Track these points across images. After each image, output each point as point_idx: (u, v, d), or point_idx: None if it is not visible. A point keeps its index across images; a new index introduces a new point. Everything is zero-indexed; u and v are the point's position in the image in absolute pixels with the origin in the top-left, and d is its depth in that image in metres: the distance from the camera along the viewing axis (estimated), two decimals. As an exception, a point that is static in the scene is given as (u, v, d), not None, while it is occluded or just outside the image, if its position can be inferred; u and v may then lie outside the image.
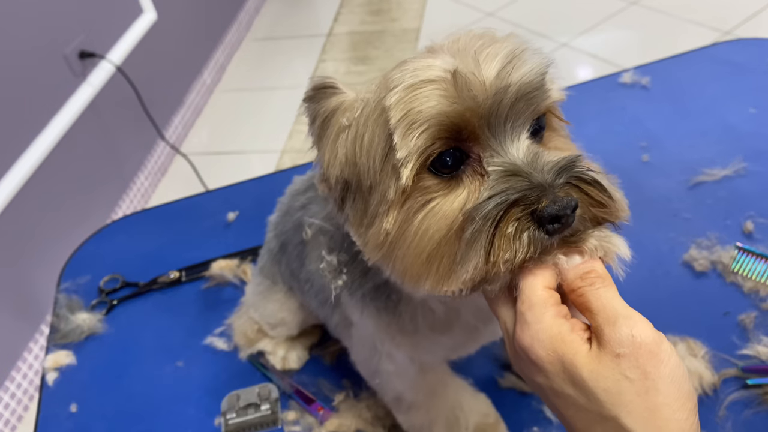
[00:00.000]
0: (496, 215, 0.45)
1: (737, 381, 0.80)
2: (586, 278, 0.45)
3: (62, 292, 1.07)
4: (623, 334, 0.41)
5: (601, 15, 2.97)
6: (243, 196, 1.23)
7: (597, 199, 0.47)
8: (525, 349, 0.45)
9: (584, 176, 0.47)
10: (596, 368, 0.41)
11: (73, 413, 0.91)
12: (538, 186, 0.45)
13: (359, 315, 0.68)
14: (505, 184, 0.46)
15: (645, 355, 0.41)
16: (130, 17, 2.40)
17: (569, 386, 0.43)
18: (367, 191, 0.52)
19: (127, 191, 2.37)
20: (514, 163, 0.47)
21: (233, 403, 0.88)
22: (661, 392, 0.40)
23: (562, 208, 0.44)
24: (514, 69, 0.47)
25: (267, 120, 2.87)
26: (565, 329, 0.44)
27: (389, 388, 0.75)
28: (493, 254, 0.45)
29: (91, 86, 2.14)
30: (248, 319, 0.92)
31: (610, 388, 0.41)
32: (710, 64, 1.31)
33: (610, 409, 0.41)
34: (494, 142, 0.48)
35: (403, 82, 0.48)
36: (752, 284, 0.90)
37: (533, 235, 0.45)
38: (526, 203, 0.45)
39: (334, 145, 0.54)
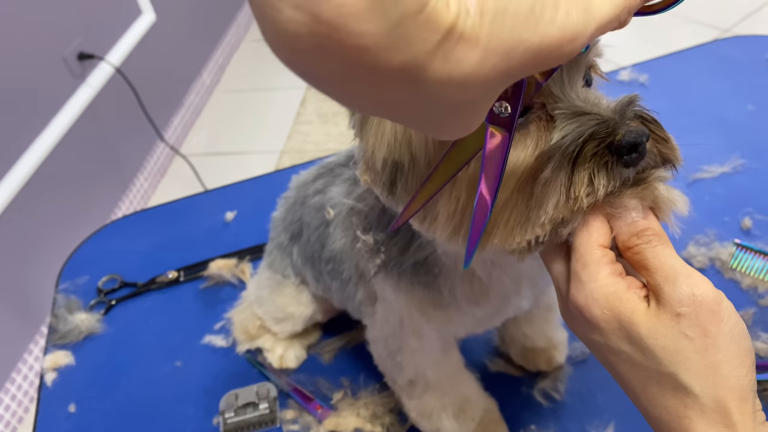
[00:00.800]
0: (573, 150, 0.45)
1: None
2: (643, 236, 0.45)
3: (61, 293, 1.07)
4: (684, 293, 0.41)
5: (599, 13, 2.97)
6: (241, 196, 1.23)
7: (660, 135, 0.47)
8: (580, 308, 0.44)
9: (645, 115, 0.47)
10: (655, 326, 0.41)
11: (72, 413, 0.92)
12: (610, 120, 0.45)
13: (391, 290, 0.68)
14: (575, 124, 0.46)
15: (705, 314, 0.41)
16: (129, 18, 2.40)
17: (626, 343, 0.43)
18: (425, 168, 0.50)
19: (126, 192, 2.37)
20: (579, 105, 0.47)
21: (232, 403, 0.88)
22: (721, 349, 0.40)
23: (638, 136, 0.44)
24: None
25: (266, 121, 2.87)
26: (622, 287, 0.43)
27: (410, 366, 0.75)
28: (575, 189, 0.45)
29: (90, 88, 2.14)
30: (250, 315, 0.92)
31: (668, 345, 0.41)
32: (708, 61, 1.31)
33: (668, 366, 0.41)
34: (556, 91, 0.48)
35: None
36: (750, 281, 0.90)
37: (612, 167, 0.45)
38: (601, 136, 0.45)
39: (379, 128, 0.53)
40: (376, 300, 0.74)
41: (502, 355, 0.89)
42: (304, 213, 0.81)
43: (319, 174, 0.80)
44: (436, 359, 0.75)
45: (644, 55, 1.39)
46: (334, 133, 2.67)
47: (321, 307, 0.90)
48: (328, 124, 2.74)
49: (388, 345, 0.75)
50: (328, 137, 2.66)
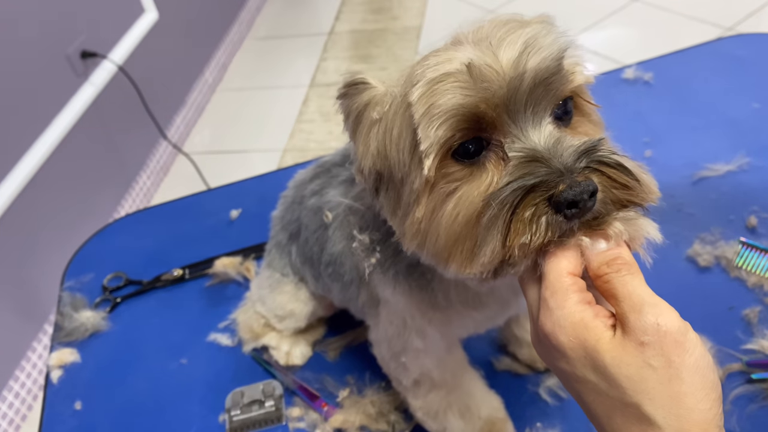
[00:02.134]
0: (513, 200, 0.46)
1: (742, 375, 0.80)
2: (612, 264, 0.45)
3: (66, 291, 1.08)
4: (648, 322, 0.41)
5: (603, 12, 2.97)
6: (245, 194, 1.23)
7: (620, 182, 0.47)
8: (547, 335, 0.45)
9: (606, 159, 0.46)
10: (619, 354, 0.41)
11: (78, 411, 0.92)
12: (557, 171, 0.45)
13: (391, 291, 0.69)
14: (524, 170, 0.47)
15: (670, 344, 0.40)
16: (132, 17, 2.40)
17: (591, 372, 0.43)
18: (399, 183, 0.54)
19: (129, 191, 2.37)
20: (534, 149, 0.48)
21: (237, 400, 0.88)
22: (685, 381, 0.40)
23: (578, 194, 0.44)
24: (530, 56, 0.48)
25: (269, 119, 2.87)
26: (588, 315, 0.43)
27: (415, 366, 0.75)
28: (509, 238, 0.46)
29: (93, 86, 2.14)
30: (254, 314, 0.92)
31: (632, 374, 0.41)
32: (713, 59, 1.31)
33: (632, 396, 0.40)
34: (515, 129, 0.49)
35: (424, 77, 0.49)
36: (756, 279, 0.89)
37: (551, 219, 0.45)
38: (544, 189, 0.45)
39: (366, 139, 0.56)
40: (379, 302, 0.74)
41: (508, 354, 0.89)
42: (302, 214, 0.81)
43: (316, 174, 0.81)
44: (441, 359, 0.75)
45: (648, 53, 1.38)
46: (337, 132, 2.67)
47: (321, 304, 0.90)
48: (330, 123, 2.74)
49: (392, 346, 0.75)
50: (331, 135, 2.66)
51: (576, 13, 2.99)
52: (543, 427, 0.80)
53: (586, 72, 0.53)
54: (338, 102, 0.58)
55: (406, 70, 0.54)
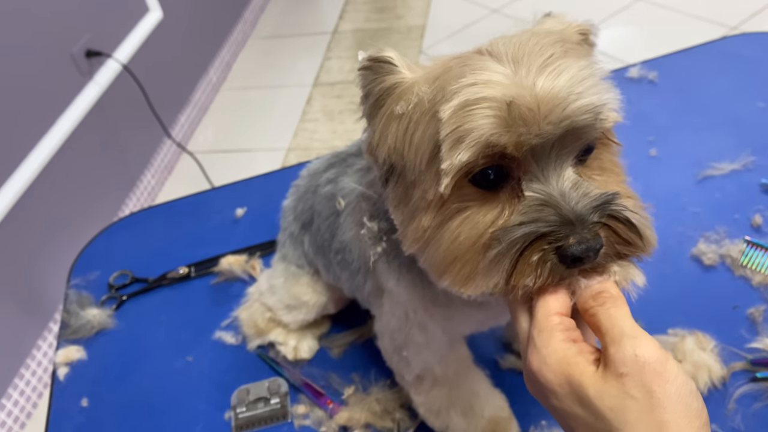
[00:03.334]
0: (524, 243, 0.47)
1: (746, 374, 0.80)
2: (598, 298, 0.47)
3: (72, 288, 1.08)
4: (627, 354, 0.42)
5: (607, 11, 2.96)
6: (251, 193, 1.23)
7: (624, 238, 0.48)
8: (535, 373, 0.46)
9: (618, 215, 0.48)
10: (601, 387, 0.42)
11: (84, 407, 0.92)
12: (568, 222, 0.47)
13: (395, 283, 0.69)
14: (537, 213, 0.48)
15: (649, 374, 0.41)
16: (136, 16, 2.41)
17: (578, 407, 0.44)
18: (411, 184, 0.54)
19: (133, 189, 2.37)
20: (550, 194, 0.49)
21: (243, 398, 0.88)
22: (668, 410, 0.40)
23: (585, 251, 0.46)
24: (570, 105, 0.47)
25: (273, 118, 2.87)
26: (572, 352, 0.45)
27: (417, 361, 0.75)
28: (515, 278, 0.48)
29: (98, 85, 2.14)
30: (259, 307, 0.92)
31: (615, 406, 0.41)
32: (718, 58, 1.31)
33: (617, 427, 0.41)
34: (536, 168, 0.49)
35: (459, 97, 0.48)
36: (761, 278, 0.89)
37: (554, 266, 0.47)
38: (554, 238, 0.47)
39: (385, 129, 0.55)
40: (383, 293, 0.74)
41: (513, 352, 0.89)
42: (315, 202, 0.81)
43: (331, 163, 0.81)
44: (443, 355, 0.75)
45: (652, 52, 1.38)
46: (340, 131, 2.67)
47: (333, 296, 0.90)
48: (334, 122, 2.74)
49: (394, 338, 0.75)
50: (334, 134, 2.66)
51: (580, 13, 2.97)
52: (548, 425, 0.80)
53: (618, 113, 0.51)
54: (359, 74, 0.56)
55: (437, 68, 0.52)
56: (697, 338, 0.82)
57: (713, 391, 0.78)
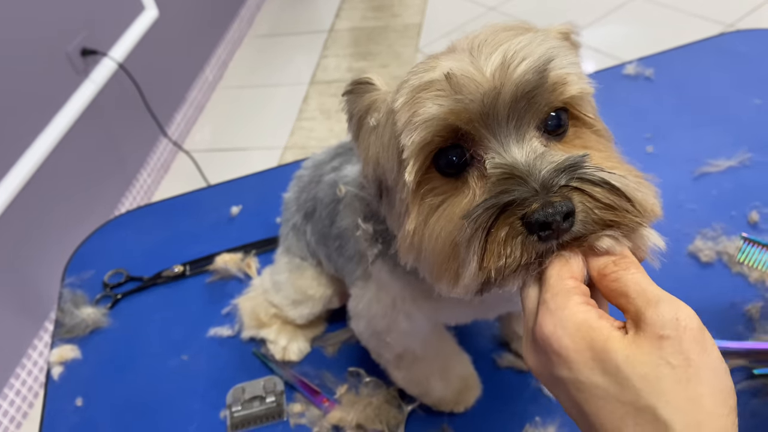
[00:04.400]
0: (487, 220, 0.44)
1: (744, 371, 0.79)
2: (620, 263, 0.43)
3: (67, 287, 1.07)
4: (667, 317, 0.38)
5: (603, 9, 2.96)
6: (246, 191, 1.23)
7: (606, 202, 0.44)
8: (547, 338, 0.41)
9: (590, 177, 0.44)
10: (633, 352, 0.38)
11: (79, 407, 0.92)
12: (532, 189, 0.43)
13: (388, 275, 0.68)
14: (501, 187, 0.45)
15: (689, 341, 0.37)
16: (132, 14, 2.40)
17: (599, 375, 0.39)
18: (392, 191, 0.54)
19: (129, 188, 2.37)
20: (512, 165, 0.46)
21: (238, 396, 0.88)
22: (704, 382, 0.37)
23: (550, 215, 0.42)
24: (509, 69, 0.46)
25: (269, 116, 2.87)
26: (593, 315, 0.41)
27: (399, 345, 0.75)
28: (486, 260, 0.44)
29: (94, 83, 2.14)
30: (264, 302, 0.92)
31: (648, 374, 0.37)
32: (715, 55, 1.31)
33: (647, 398, 0.37)
34: (495, 144, 0.47)
35: (408, 85, 0.49)
36: (758, 274, 0.89)
37: (525, 240, 0.43)
38: (518, 208, 0.43)
39: (366, 144, 0.56)
40: (369, 277, 0.74)
41: (510, 351, 0.88)
42: (319, 190, 0.82)
43: (337, 153, 0.82)
44: (425, 339, 0.77)
45: (649, 50, 1.38)
46: (337, 129, 2.67)
47: (338, 289, 0.90)
48: (331, 120, 2.73)
49: (374, 324, 0.75)
50: (331, 133, 2.66)
51: (576, 10, 2.99)
52: (542, 421, 0.80)
53: (583, 83, 0.50)
54: (343, 99, 0.58)
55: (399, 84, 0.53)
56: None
57: (710, 388, 0.78)
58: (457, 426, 0.81)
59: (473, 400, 0.83)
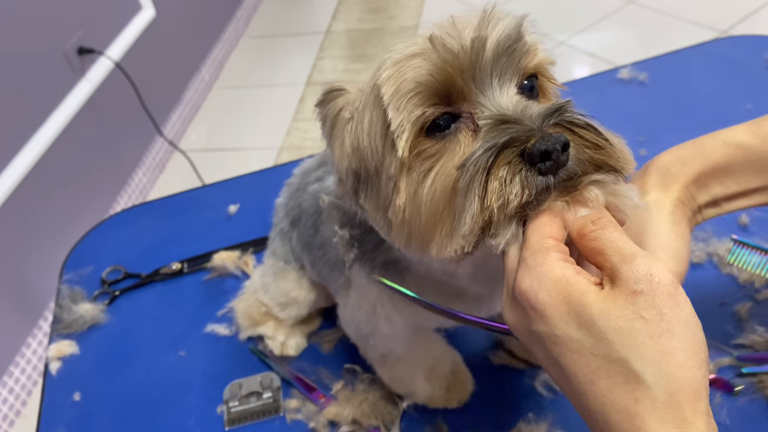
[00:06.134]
0: (487, 160, 0.45)
1: (733, 369, 0.81)
2: (598, 222, 0.44)
3: (65, 283, 1.08)
4: (641, 272, 0.39)
5: (598, 14, 2.98)
6: (244, 189, 1.23)
7: (592, 141, 0.46)
8: (524, 293, 0.43)
9: (576, 120, 0.46)
10: (608, 306, 0.39)
11: (77, 402, 0.92)
12: (527, 128, 0.45)
13: (366, 281, 0.70)
14: (495, 132, 0.47)
15: (662, 295, 0.39)
16: (129, 13, 2.40)
17: (574, 328, 0.40)
18: (375, 175, 0.54)
19: (125, 187, 2.37)
20: (502, 113, 0.48)
21: (235, 392, 0.89)
22: (676, 336, 0.38)
23: (551, 144, 0.43)
24: (489, 25, 0.49)
25: (265, 117, 2.87)
26: (571, 271, 0.42)
27: (381, 347, 0.78)
28: (487, 199, 0.45)
29: (90, 82, 2.14)
30: (255, 301, 0.93)
31: (621, 327, 0.38)
32: (708, 60, 1.33)
33: (620, 351, 0.38)
34: (483, 98, 0.50)
35: (390, 60, 0.51)
36: (747, 275, 0.91)
37: (526, 176, 0.44)
38: (516, 145, 0.45)
39: (341, 140, 0.56)
40: (351, 285, 0.76)
41: (505, 349, 0.89)
42: (304, 199, 0.83)
43: (323, 161, 0.82)
44: (406, 342, 0.78)
45: (643, 55, 1.40)
46: (333, 130, 2.67)
47: (322, 292, 0.91)
48: (326, 121, 2.74)
49: (360, 328, 0.77)
50: (327, 134, 2.67)
51: (572, 15, 3.01)
52: (535, 417, 0.81)
53: (546, 53, 0.54)
54: (317, 110, 0.60)
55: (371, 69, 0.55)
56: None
57: (700, 386, 0.80)
58: (451, 422, 0.82)
59: (467, 396, 0.84)
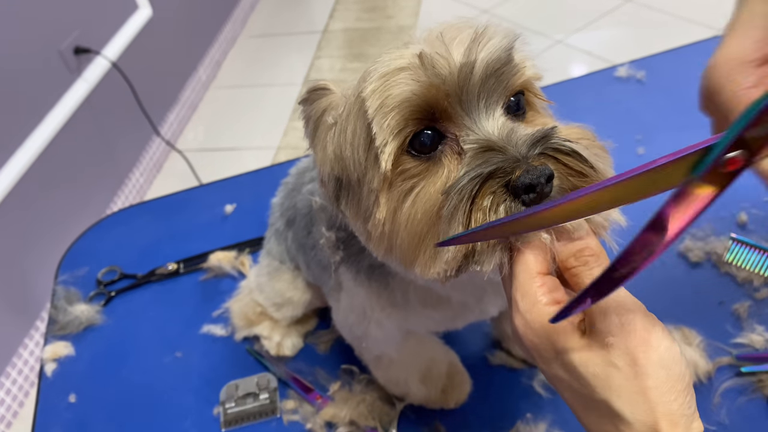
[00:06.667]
0: (472, 189, 0.45)
1: (731, 369, 0.81)
2: (580, 257, 0.45)
3: (60, 284, 1.07)
4: (613, 323, 0.42)
5: (596, 12, 2.98)
6: (241, 189, 1.23)
7: (576, 170, 0.47)
8: (520, 335, 0.45)
9: (561, 147, 0.46)
10: (587, 355, 0.42)
11: (72, 403, 0.92)
12: (513, 158, 0.45)
13: (353, 283, 0.70)
14: (480, 159, 0.47)
15: (634, 343, 0.41)
16: (126, 13, 2.40)
17: (562, 371, 0.44)
18: (357, 185, 0.53)
19: (122, 187, 2.36)
20: (488, 139, 0.48)
21: (232, 393, 0.88)
22: (650, 376, 0.41)
23: (535, 177, 0.44)
24: (479, 46, 0.49)
25: (262, 117, 2.87)
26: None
27: (374, 350, 0.78)
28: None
29: (87, 82, 2.13)
30: (251, 301, 0.93)
31: (599, 373, 0.42)
32: (705, 58, 1.31)
33: (600, 393, 0.42)
34: (468, 121, 0.49)
35: (377, 72, 0.50)
36: (746, 274, 0.90)
37: (509, 207, 0.45)
38: (501, 175, 0.45)
39: (324, 144, 0.56)
40: (342, 289, 0.76)
41: (503, 349, 0.89)
42: (298, 199, 0.82)
43: None
44: (398, 345, 0.78)
45: (641, 54, 1.40)
46: (331, 130, 2.67)
47: (317, 293, 0.91)
48: (324, 121, 2.74)
49: (353, 331, 0.77)
50: (325, 134, 2.66)
51: (569, 13, 3.01)
52: (533, 418, 0.80)
53: (534, 68, 0.54)
54: (300, 108, 0.59)
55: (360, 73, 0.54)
56: (683, 334, 0.83)
57: (699, 385, 0.79)
58: (449, 423, 0.82)
59: (464, 396, 0.83)
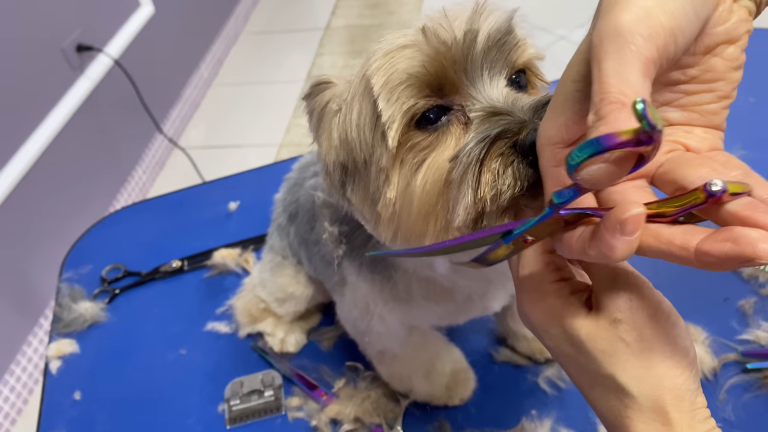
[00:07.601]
0: (480, 151, 0.45)
1: (737, 365, 0.81)
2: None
3: (64, 282, 1.08)
4: (621, 299, 0.42)
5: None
6: (244, 187, 1.23)
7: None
8: (526, 314, 0.46)
9: None
10: (594, 330, 0.42)
11: (77, 401, 0.92)
12: (519, 120, 0.46)
13: (356, 278, 0.71)
14: (486, 124, 0.47)
15: (642, 318, 0.42)
16: (128, 10, 2.39)
17: (569, 347, 0.44)
18: (363, 167, 0.53)
19: (125, 185, 2.36)
20: (494, 105, 0.48)
21: (236, 390, 0.88)
22: (656, 351, 0.41)
23: None
24: (481, 17, 0.49)
25: (265, 114, 2.86)
26: (565, 293, 0.44)
27: (377, 345, 0.78)
28: (481, 190, 0.45)
29: (89, 80, 2.13)
30: (254, 297, 0.93)
31: (606, 348, 0.42)
32: (709, 54, 1.32)
33: (607, 368, 0.42)
34: (474, 91, 0.50)
35: (381, 51, 0.50)
36: (751, 271, 0.90)
37: (518, 167, 0.45)
38: (508, 136, 0.45)
39: (329, 132, 0.56)
40: (346, 284, 0.76)
41: (507, 346, 0.89)
42: (301, 194, 0.83)
43: None
44: (401, 340, 0.78)
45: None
46: (333, 127, 2.67)
47: (320, 288, 0.91)
48: (326, 118, 2.73)
49: (357, 325, 0.78)
50: (327, 130, 2.66)
51: (571, 9, 3.00)
52: (538, 414, 0.80)
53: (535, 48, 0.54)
54: (304, 103, 0.60)
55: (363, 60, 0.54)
56: (688, 330, 0.83)
57: (704, 382, 0.79)
58: (454, 419, 0.82)
59: (469, 393, 0.83)
